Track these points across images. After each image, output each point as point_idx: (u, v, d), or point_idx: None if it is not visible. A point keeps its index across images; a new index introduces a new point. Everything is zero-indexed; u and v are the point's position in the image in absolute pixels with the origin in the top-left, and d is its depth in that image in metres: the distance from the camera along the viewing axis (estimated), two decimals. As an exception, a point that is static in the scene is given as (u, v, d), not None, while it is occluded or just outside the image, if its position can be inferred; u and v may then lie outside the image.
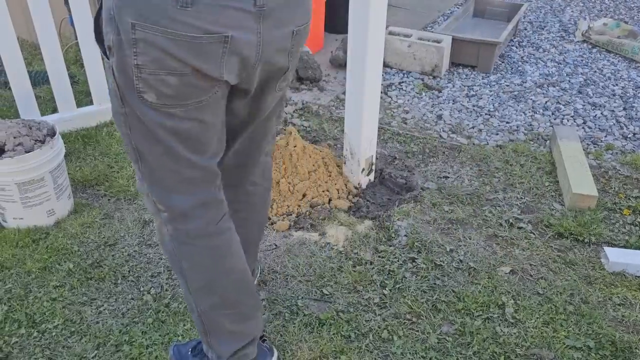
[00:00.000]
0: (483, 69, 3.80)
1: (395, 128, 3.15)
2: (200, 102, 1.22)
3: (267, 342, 1.71)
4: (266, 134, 1.53)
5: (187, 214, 1.35)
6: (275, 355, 1.69)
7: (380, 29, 2.26)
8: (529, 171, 2.75)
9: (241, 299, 1.51)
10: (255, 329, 1.57)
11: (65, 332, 1.87)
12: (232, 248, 1.44)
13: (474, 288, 2.03)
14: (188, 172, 1.31)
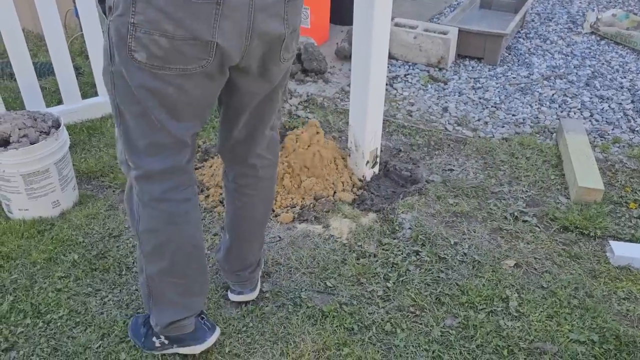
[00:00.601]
0: (490, 61, 3.77)
1: (400, 120, 3.14)
2: (186, 70, 1.28)
3: (206, 319, 1.72)
4: (273, 108, 1.56)
5: (153, 176, 1.43)
6: (216, 331, 1.72)
7: (385, 20, 2.24)
8: (534, 164, 2.73)
9: (190, 273, 1.56)
10: (199, 307, 1.64)
11: (70, 322, 1.88)
12: (189, 219, 1.50)
13: (477, 281, 2.02)
14: (159, 136, 1.38)
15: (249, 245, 1.84)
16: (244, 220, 1.79)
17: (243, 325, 1.86)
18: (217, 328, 1.74)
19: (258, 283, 1.96)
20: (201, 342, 1.67)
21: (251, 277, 1.89)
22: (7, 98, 3.21)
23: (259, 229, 1.83)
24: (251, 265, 1.87)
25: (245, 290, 1.90)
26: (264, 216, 1.82)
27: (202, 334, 1.67)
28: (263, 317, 1.89)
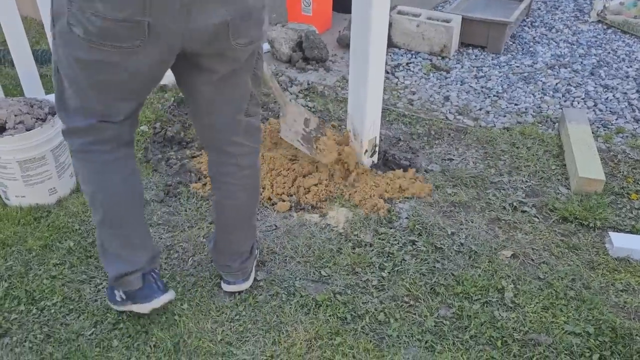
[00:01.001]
0: (493, 49, 3.72)
1: (401, 109, 3.10)
2: (121, 48, 1.32)
3: (160, 281, 1.75)
4: (241, 94, 1.56)
5: (77, 132, 1.55)
6: (168, 294, 1.75)
7: (384, 6, 2.21)
8: (535, 154, 2.69)
9: (126, 224, 1.66)
10: (142, 261, 1.70)
11: (64, 309, 1.88)
12: (116, 169, 1.60)
13: (473, 272, 2.00)
14: (90, 103, 1.48)
15: (235, 236, 1.83)
16: (228, 210, 1.78)
17: (236, 313, 1.86)
18: (170, 291, 1.76)
19: (252, 273, 1.95)
20: (149, 300, 1.70)
21: (243, 267, 1.87)
22: (7, 85, 3.21)
23: (244, 219, 1.81)
24: (241, 256, 1.86)
25: (238, 280, 1.90)
26: (249, 206, 1.80)
27: (150, 293, 1.70)
28: (256, 305, 1.89)
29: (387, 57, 3.69)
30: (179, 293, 1.93)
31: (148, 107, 3.00)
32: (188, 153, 2.70)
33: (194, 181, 2.49)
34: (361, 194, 2.37)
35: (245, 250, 1.87)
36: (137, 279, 1.70)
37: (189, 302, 1.90)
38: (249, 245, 1.88)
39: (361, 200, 2.35)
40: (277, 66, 3.53)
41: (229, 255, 1.86)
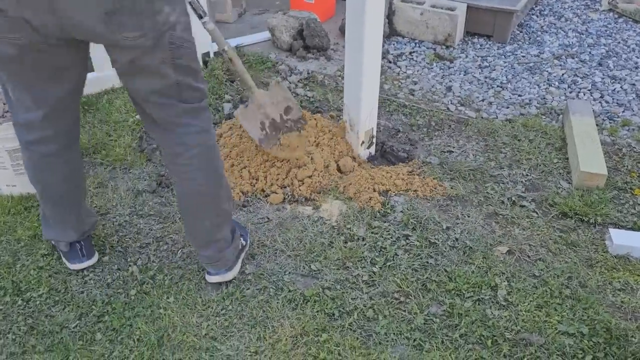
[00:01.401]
0: (499, 38, 3.62)
1: (401, 100, 3.04)
2: (13, 40, 1.41)
3: (84, 247, 1.96)
4: (164, 84, 1.55)
5: (18, 126, 1.70)
6: (90, 260, 1.98)
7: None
8: (537, 147, 2.62)
9: (60, 209, 1.87)
10: (71, 236, 1.92)
11: (50, 301, 1.87)
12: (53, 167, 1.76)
13: (467, 268, 1.95)
14: (20, 96, 1.59)
15: (201, 222, 1.79)
16: (187, 194, 1.76)
17: (222, 307, 1.83)
18: (93, 257, 1.99)
19: (236, 264, 1.91)
20: (71, 263, 1.97)
21: (222, 256, 1.84)
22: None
23: (207, 203, 1.77)
24: (215, 244, 1.83)
25: (220, 271, 1.87)
26: (210, 188, 1.75)
27: (73, 258, 1.96)
28: (243, 299, 1.85)
29: (390, 46, 3.62)
30: (165, 286, 1.91)
31: (144, 96, 2.96)
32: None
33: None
34: (356, 187, 2.32)
35: (220, 239, 1.83)
36: (65, 245, 1.94)
37: (175, 296, 1.87)
38: (223, 233, 1.83)
39: (355, 193, 2.30)
40: (277, 54, 3.48)
41: (201, 244, 1.84)
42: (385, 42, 3.64)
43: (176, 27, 1.47)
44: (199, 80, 1.63)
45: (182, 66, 1.55)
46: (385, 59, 3.45)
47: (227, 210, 1.84)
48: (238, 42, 3.55)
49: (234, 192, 2.31)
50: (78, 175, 1.86)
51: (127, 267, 1.99)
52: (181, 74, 1.56)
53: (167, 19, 1.43)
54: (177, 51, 1.51)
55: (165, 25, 1.44)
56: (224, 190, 1.80)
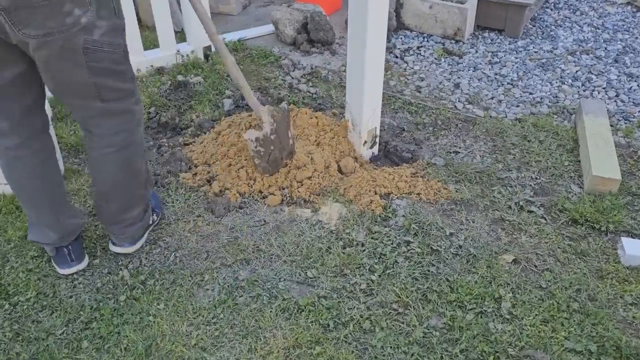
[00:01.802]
0: (511, 33, 3.50)
1: (407, 97, 2.94)
2: None
3: (72, 251, 1.89)
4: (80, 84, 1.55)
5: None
6: (80, 265, 1.91)
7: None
8: (548, 148, 2.51)
9: (35, 207, 1.82)
10: (52, 238, 1.85)
11: (37, 305, 1.81)
12: (21, 166, 1.73)
13: (470, 277, 1.86)
14: None
15: (108, 204, 1.86)
16: (98, 181, 1.82)
17: (213, 316, 1.76)
18: (83, 262, 1.92)
19: (142, 237, 1.99)
20: (60, 267, 1.91)
21: (127, 232, 1.91)
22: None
23: (117, 191, 1.82)
24: (123, 222, 1.89)
25: (124, 244, 1.94)
26: (121, 180, 1.80)
27: (61, 262, 1.90)
28: (235, 308, 1.79)
29: (397, 40, 3.51)
30: (156, 292, 1.85)
31: (143, 91, 2.90)
32: (181, 140, 2.60)
33: (184, 170, 2.39)
34: (357, 189, 2.24)
35: (128, 218, 1.89)
36: (51, 249, 1.89)
37: (166, 302, 1.81)
38: (132, 213, 1.89)
39: (356, 196, 2.22)
40: (280, 49, 3.39)
41: (108, 221, 1.91)
42: (392, 36, 3.53)
43: (93, 31, 1.47)
44: (126, 80, 1.66)
45: (101, 69, 1.55)
46: (391, 53, 3.35)
47: (141, 195, 1.91)
48: (241, 36, 3.47)
49: (231, 193, 2.24)
50: (48, 170, 1.79)
51: (117, 270, 1.93)
52: (100, 76, 1.56)
53: (77, 20, 1.43)
54: (93, 55, 1.51)
55: (75, 27, 1.43)
56: (139, 179, 1.86)
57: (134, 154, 1.81)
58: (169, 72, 3.07)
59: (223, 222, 2.13)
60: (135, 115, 1.76)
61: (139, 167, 1.85)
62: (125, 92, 1.68)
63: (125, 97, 1.69)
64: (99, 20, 1.48)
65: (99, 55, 1.53)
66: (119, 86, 1.64)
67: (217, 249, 2.02)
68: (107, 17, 1.52)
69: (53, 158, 1.80)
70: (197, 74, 3.05)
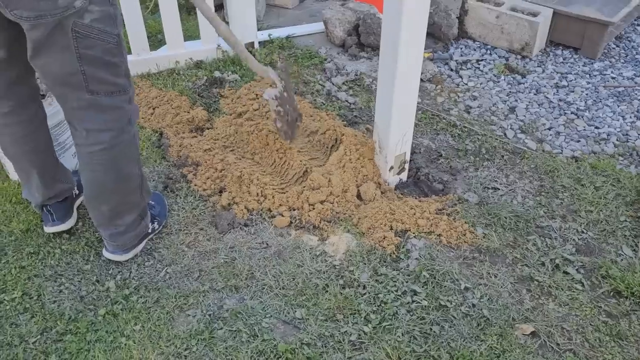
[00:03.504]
0: (588, 53, 3.10)
1: (453, 118, 2.67)
2: None
3: (54, 211, 1.93)
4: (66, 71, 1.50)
5: None
6: (62, 225, 1.94)
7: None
8: (604, 197, 2.18)
9: (22, 170, 1.85)
10: (37, 198, 1.91)
11: (20, 307, 1.78)
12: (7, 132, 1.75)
13: (475, 347, 1.63)
14: None
15: (97, 206, 1.79)
16: (85, 179, 1.76)
17: (186, 347, 1.65)
18: (66, 222, 1.96)
19: (136, 247, 1.93)
20: (44, 225, 1.96)
21: (119, 239, 1.85)
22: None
23: (105, 194, 1.76)
24: (115, 227, 1.83)
25: (117, 251, 1.89)
26: (109, 182, 1.73)
27: (45, 220, 1.95)
28: (211, 341, 1.66)
29: (456, 50, 3.21)
30: (136, 310, 1.76)
31: (177, 85, 2.82)
32: (202, 144, 2.49)
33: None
34: (371, 221, 2.04)
35: (119, 224, 1.82)
36: (37, 207, 1.96)
37: (143, 324, 1.72)
38: (123, 220, 1.82)
39: (369, 229, 2.02)
40: (328, 50, 3.19)
41: (99, 224, 1.85)
42: (451, 46, 3.24)
43: (84, 15, 1.43)
44: (118, 75, 1.60)
45: (91, 57, 1.50)
46: (446, 65, 3.06)
47: (134, 202, 1.84)
48: (290, 32, 3.30)
49: (238, 208, 2.11)
50: (36, 138, 1.79)
51: (105, 280, 1.86)
52: (89, 65, 1.51)
53: (71, 4, 1.39)
54: (83, 41, 1.46)
55: (68, 10, 1.39)
56: (130, 185, 1.79)
57: (124, 156, 1.73)
58: (207, 66, 2.97)
59: (224, 240, 2.01)
60: (127, 115, 1.68)
61: (130, 171, 1.77)
62: (117, 87, 1.61)
63: (116, 93, 1.62)
64: (91, 5, 1.45)
65: (89, 41, 1.48)
66: (109, 79, 1.58)
67: (211, 269, 1.90)
68: (101, 3, 1.47)
69: (43, 125, 1.81)
70: (235, 71, 2.93)
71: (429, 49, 3.14)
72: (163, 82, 2.85)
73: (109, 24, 1.51)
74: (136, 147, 1.78)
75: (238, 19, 2.97)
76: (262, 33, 3.24)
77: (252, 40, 3.06)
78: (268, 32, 3.28)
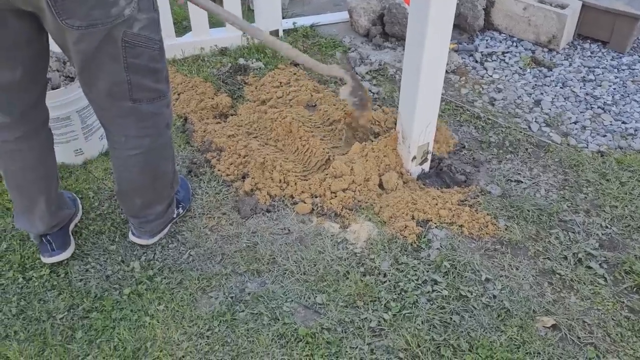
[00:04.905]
0: (616, 46, 3.05)
1: (477, 109, 2.65)
2: None
3: (54, 240, 1.84)
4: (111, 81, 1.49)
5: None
6: (61, 255, 1.84)
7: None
8: (629, 193, 2.15)
9: (25, 199, 1.75)
10: (39, 228, 1.81)
11: (48, 284, 1.82)
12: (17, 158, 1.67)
13: (495, 337, 1.63)
14: None
15: (130, 200, 1.82)
16: (120, 179, 1.78)
17: (208, 328, 1.68)
18: (67, 250, 1.86)
19: (162, 231, 1.96)
20: (42, 256, 1.86)
21: (146, 225, 1.88)
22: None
23: (139, 190, 1.79)
24: (145, 216, 1.85)
25: (143, 235, 1.91)
26: (144, 182, 1.76)
27: (43, 251, 1.85)
28: (233, 323, 1.69)
29: (482, 42, 3.18)
30: (160, 290, 1.80)
31: (202, 71, 2.84)
32: (226, 130, 2.51)
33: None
34: (393, 210, 2.04)
35: (150, 214, 1.86)
36: (35, 237, 1.86)
37: (167, 304, 1.75)
38: (154, 210, 1.85)
39: (391, 217, 2.03)
40: (352, 39, 3.19)
41: (129, 214, 1.88)
42: (477, 37, 3.21)
43: (133, 24, 1.41)
44: (160, 80, 1.59)
45: (137, 65, 1.49)
46: (471, 57, 3.04)
47: (166, 194, 1.87)
48: (314, 21, 3.31)
49: (261, 194, 2.13)
50: (46, 164, 1.74)
51: (130, 261, 1.90)
52: (135, 74, 1.50)
53: (122, 12, 1.37)
54: (131, 50, 1.45)
55: (119, 19, 1.37)
56: (164, 181, 1.81)
57: (160, 158, 1.76)
58: (232, 53, 2.99)
59: (246, 224, 2.04)
60: (165, 119, 1.70)
61: (165, 170, 1.80)
62: (158, 93, 1.61)
63: (157, 99, 1.62)
64: (140, 13, 1.42)
65: (137, 50, 1.47)
66: (152, 86, 1.58)
67: (233, 253, 1.93)
68: (147, 10, 1.45)
69: (51, 151, 1.76)
70: (259, 58, 2.95)
71: (454, 40, 3.12)
72: (188, 68, 2.88)
73: (154, 30, 1.50)
74: (172, 148, 1.80)
75: (263, 6, 2.98)
76: (286, 21, 3.24)
77: (277, 28, 3.07)
78: (293, 20, 3.28)
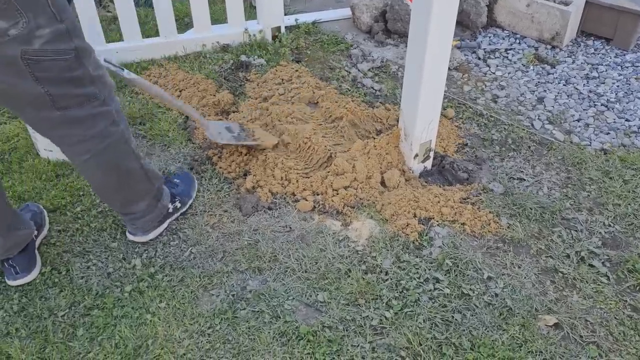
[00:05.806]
0: (620, 43, 3.03)
1: (479, 107, 2.64)
2: None
3: (16, 264, 1.79)
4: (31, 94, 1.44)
5: None
6: (24, 279, 1.79)
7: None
8: (632, 191, 2.14)
9: None
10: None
11: (49, 282, 1.82)
12: None
13: (497, 336, 1.62)
14: None
15: (109, 201, 1.85)
16: (92, 184, 1.78)
17: (209, 326, 1.67)
18: (32, 272, 1.81)
19: (158, 227, 1.96)
20: (6, 279, 1.81)
21: (136, 222, 1.89)
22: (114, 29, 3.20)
23: (112, 191, 1.78)
24: (131, 214, 1.86)
25: (137, 232, 1.93)
26: (111, 182, 1.74)
27: (7, 274, 1.81)
28: (234, 321, 1.68)
29: (485, 39, 3.17)
30: (162, 288, 1.79)
31: (203, 68, 2.84)
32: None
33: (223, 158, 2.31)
34: (394, 208, 2.03)
35: (135, 211, 1.86)
36: None
37: (168, 302, 1.75)
38: (138, 207, 1.85)
39: (392, 215, 2.02)
40: (354, 36, 3.18)
41: (116, 211, 1.90)
42: (480, 34, 3.20)
43: (32, 41, 1.36)
44: (83, 85, 1.52)
45: (51, 78, 1.44)
46: (474, 54, 3.03)
47: (143, 189, 1.85)
48: (316, 18, 3.29)
49: (262, 191, 2.13)
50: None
51: (131, 258, 1.89)
52: (51, 85, 1.45)
53: (5, 33, 1.32)
54: (36, 65, 1.40)
55: (2, 38, 1.32)
56: (134, 177, 1.79)
57: (117, 155, 1.69)
58: (234, 50, 2.98)
59: (248, 222, 2.03)
60: (107, 118, 1.61)
61: (129, 166, 1.75)
62: (86, 97, 1.53)
63: (86, 102, 1.54)
64: (39, 30, 1.37)
65: (43, 64, 1.41)
66: (75, 92, 1.51)
67: (235, 250, 1.92)
68: (48, 24, 1.38)
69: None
70: (261, 55, 2.94)
71: (457, 37, 3.11)
72: (190, 65, 2.87)
73: (62, 41, 1.42)
74: (127, 142, 1.72)
75: (265, 3, 2.97)
76: (288, 18, 3.23)
77: (279, 24, 3.06)
78: (295, 17, 3.27)
